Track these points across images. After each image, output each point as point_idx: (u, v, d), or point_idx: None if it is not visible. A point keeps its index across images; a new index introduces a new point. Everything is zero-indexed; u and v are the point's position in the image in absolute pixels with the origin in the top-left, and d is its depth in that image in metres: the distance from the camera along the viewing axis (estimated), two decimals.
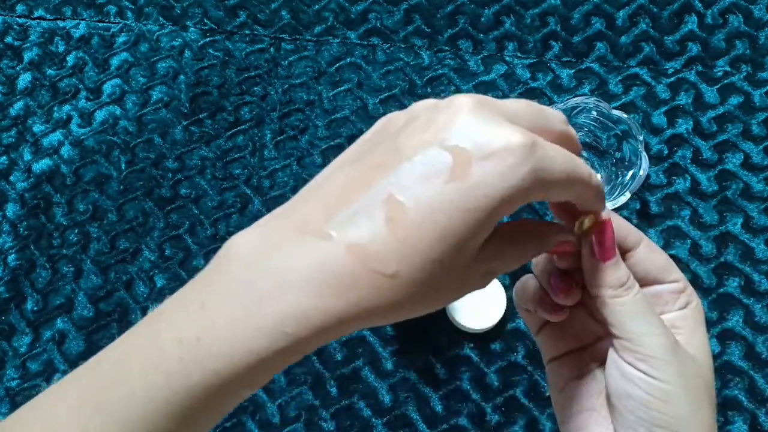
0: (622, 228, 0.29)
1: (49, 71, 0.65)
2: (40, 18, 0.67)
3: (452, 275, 0.25)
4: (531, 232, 0.27)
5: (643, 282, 0.29)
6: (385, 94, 0.61)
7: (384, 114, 0.60)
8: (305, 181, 0.58)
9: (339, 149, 0.60)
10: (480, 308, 0.52)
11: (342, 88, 0.62)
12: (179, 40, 0.65)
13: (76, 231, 0.58)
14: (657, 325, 0.27)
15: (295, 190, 0.59)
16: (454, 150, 0.23)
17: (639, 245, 0.30)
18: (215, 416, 0.25)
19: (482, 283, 0.27)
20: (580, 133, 0.57)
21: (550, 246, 0.28)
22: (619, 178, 0.54)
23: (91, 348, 0.54)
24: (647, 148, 0.58)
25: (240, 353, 0.23)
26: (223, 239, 0.57)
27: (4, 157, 0.61)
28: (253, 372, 0.24)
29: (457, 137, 0.24)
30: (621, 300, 0.28)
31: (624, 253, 0.30)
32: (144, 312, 0.55)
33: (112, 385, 0.25)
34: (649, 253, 0.30)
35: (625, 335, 0.28)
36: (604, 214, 0.28)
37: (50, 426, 0.26)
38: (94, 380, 0.26)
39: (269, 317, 0.23)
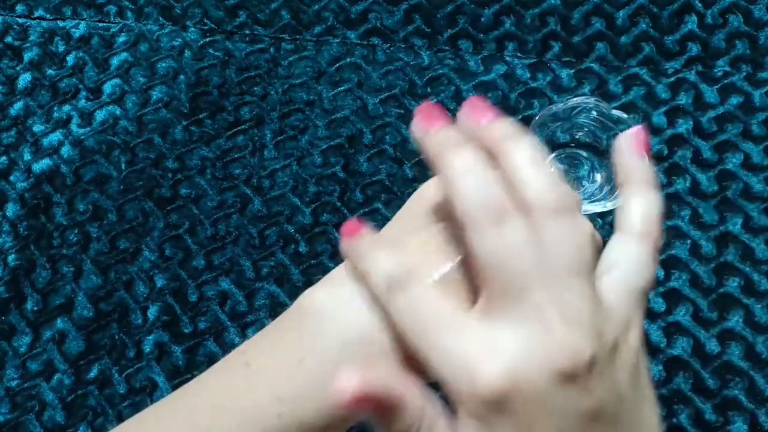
0: None
1: (49, 71, 0.65)
2: (40, 18, 0.67)
3: None
4: None
5: None
6: (385, 94, 0.61)
7: (384, 114, 0.61)
8: (305, 182, 0.58)
9: (339, 149, 0.60)
10: None
11: (342, 88, 0.62)
12: (179, 40, 0.65)
13: (76, 231, 0.58)
14: None
15: (295, 190, 0.59)
16: None
17: None
18: None
19: None
20: (580, 133, 0.57)
21: None
22: None
23: (91, 348, 0.54)
24: None
25: (338, 409, 0.26)
26: (223, 239, 0.57)
27: (4, 157, 0.61)
28: (343, 423, 0.26)
29: None
30: None
31: None
32: (144, 312, 0.55)
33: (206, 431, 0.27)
34: None
35: None
36: None
37: None
38: (183, 425, 0.27)
39: None
